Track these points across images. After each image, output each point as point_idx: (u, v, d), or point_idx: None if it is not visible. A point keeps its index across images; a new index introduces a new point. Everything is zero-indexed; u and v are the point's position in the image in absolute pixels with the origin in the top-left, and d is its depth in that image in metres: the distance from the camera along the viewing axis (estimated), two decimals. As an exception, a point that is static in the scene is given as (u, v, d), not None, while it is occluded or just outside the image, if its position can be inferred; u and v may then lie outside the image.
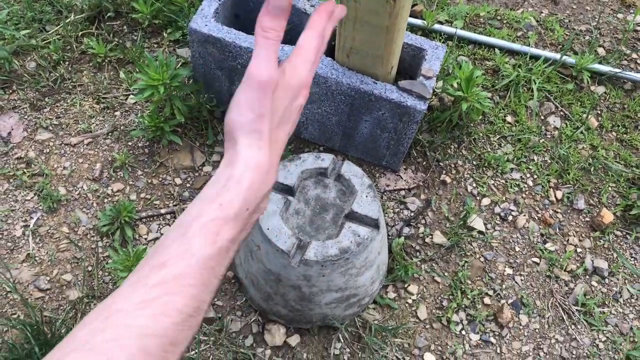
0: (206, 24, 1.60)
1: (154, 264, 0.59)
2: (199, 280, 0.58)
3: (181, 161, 1.77)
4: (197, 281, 0.58)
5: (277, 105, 0.67)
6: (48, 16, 2.00)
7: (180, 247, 0.59)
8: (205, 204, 0.62)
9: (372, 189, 1.43)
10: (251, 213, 0.63)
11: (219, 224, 0.60)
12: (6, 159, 1.73)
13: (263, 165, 0.64)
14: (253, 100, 0.64)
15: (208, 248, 0.59)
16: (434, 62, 1.62)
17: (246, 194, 0.62)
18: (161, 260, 0.59)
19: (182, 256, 0.58)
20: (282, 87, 0.67)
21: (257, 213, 0.66)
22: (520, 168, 1.85)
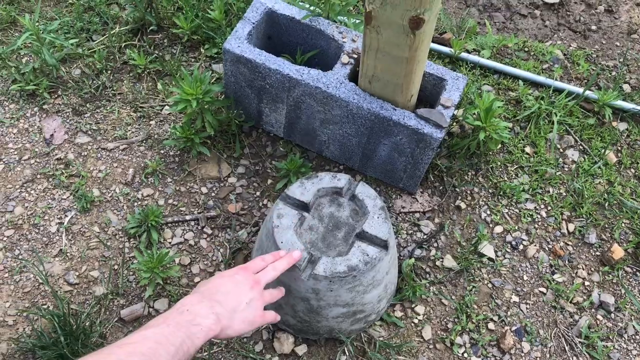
0: (239, 45, 1.70)
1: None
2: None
3: (208, 171, 1.87)
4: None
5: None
6: (95, 26, 2.14)
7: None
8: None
9: (384, 211, 1.50)
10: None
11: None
12: (47, 159, 1.86)
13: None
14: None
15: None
16: (453, 93, 1.68)
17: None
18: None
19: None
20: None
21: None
22: (535, 199, 1.89)
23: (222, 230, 1.77)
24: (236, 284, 1.21)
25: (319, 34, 1.78)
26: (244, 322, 1.18)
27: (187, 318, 1.05)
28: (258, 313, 1.22)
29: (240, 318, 1.17)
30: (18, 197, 1.78)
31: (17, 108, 1.95)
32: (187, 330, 1.02)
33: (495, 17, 2.43)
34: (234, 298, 1.18)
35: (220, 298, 1.15)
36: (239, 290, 1.20)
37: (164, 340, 0.98)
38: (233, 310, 1.16)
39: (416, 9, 1.31)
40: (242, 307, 1.18)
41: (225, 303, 1.14)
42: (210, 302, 1.12)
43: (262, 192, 1.84)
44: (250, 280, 1.24)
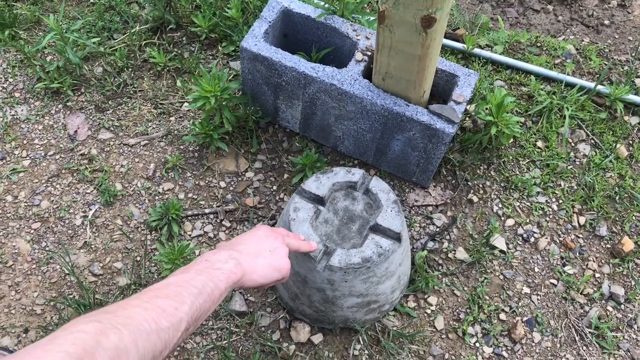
0: (256, 43, 1.75)
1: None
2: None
3: (226, 166, 1.93)
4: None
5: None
6: (116, 25, 2.20)
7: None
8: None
9: (397, 205, 1.55)
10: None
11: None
12: (72, 155, 1.92)
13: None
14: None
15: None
16: (465, 89, 1.72)
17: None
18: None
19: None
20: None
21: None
22: (546, 192, 1.92)
23: (240, 223, 1.83)
24: (258, 237, 1.22)
25: (334, 32, 1.82)
26: (269, 267, 1.17)
27: (206, 265, 1.05)
28: (284, 261, 1.21)
29: (264, 263, 1.16)
30: (44, 192, 1.85)
31: (42, 105, 2.02)
32: (208, 274, 1.02)
33: (508, 13, 2.45)
34: (255, 246, 1.18)
35: (241, 247, 1.16)
36: (260, 240, 1.21)
37: (185, 283, 0.98)
38: (254, 255, 1.16)
39: (428, 8, 1.35)
40: (265, 254, 1.18)
41: (245, 250, 1.15)
42: (229, 251, 1.13)
43: (279, 186, 1.90)
44: (273, 233, 1.25)
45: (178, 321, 0.90)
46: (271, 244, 1.22)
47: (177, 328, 0.89)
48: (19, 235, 1.77)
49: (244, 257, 1.12)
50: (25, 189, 1.85)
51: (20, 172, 1.88)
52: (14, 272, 1.72)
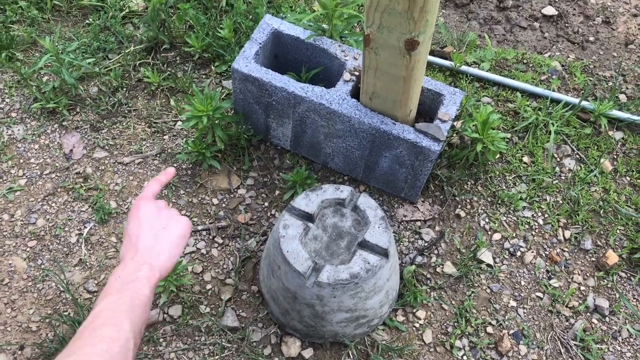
0: (247, 64, 1.80)
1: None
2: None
3: (219, 183, 1.97)
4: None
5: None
6: (111, 46, 2.25)
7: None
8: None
9: (385, 221, 1.59)
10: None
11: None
12: (67, 174, 1.96)
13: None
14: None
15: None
16: (450, 107, 1.76)
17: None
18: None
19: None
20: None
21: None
22: (532, 207, 1.96)
23: (232, 239, 1.86)
24: (146, 222, 1.17)
25: (323, 53, 1.87)
26: (175, 246, 1.16)
27: (122, 282, 1.06)
28: (179, 226, 1.19)
29: (168, 249, 1.15)
30: (40, 210, 1.89)
31: (38, 125, 2.06)
32: (129, 289, 1.04)
33: (496, 30, 2.50)
34: (149, 235, 1.15)
35: (140, 246, 1.14)
36: (150, 224, 1.17)
37: (113, 305, 1.00)
38: (157, 249, 1.14)
39: (411, 32, 1.40)
40: (163, 238, 1.16)
41: (147, 250, 1.13)
42: (134, 259, 1.11)
43: (270, 203, 1.94)
44: (150, 205, 1.21)
45: (125, 341, 0.94)
46: (158, 218, 1.19)
47: (127, 347, 0.94)
48: (15, 253, 1.81)
49: (150, 258, 1.12)
50: (22, 207, 1.89)
51: (16, 190, 1.92)
52: (9, 289, 1.75)
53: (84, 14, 2.36)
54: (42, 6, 2.33)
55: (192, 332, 1.71)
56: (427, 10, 1.33)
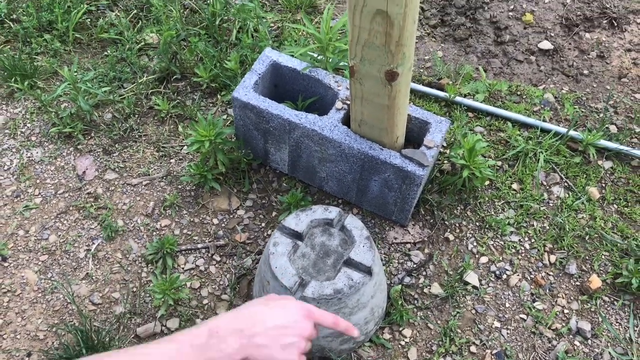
0: (246, 93, 1.93)
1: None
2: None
3: (219, 204, 2.08)
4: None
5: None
6: (126, 76, 2.41)
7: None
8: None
9: (370, 240, 1.68)
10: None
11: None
12: (79, 193, 2.10)
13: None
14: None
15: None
16: (436, 135, 1.86)
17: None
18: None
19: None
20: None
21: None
22: (519, 232, 2.03)
23: (229, 257, 1.97)
24: (281, 323, 1.04)
25: (318, 83, 1.99)
26: (285, 355, 1.02)
27: (199, 350, 0.97)
28: (300, 345, 1.05)
29: (278, 348, 1.02)
30: (53, 227, 2.02)
31: (55, 148, 2.21)
32: (204, 353, 0.96)
33: (493, 63, 2.60)
34: (272, 335, 1.02)
35: (256, 331, 1.01)
36: (281, 330, 1.03)
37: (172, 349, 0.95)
38: (270, 336, 1.02)
39: (390, 64, 1.51)
40: (281, 335, 1.03)
41: (258, 340, 1.01)
42: (240, 339, 1.00)
43: (267, 224, 2.04)
44: (301, 311, 1.08)
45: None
46: (290, 337, 1.04)
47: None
48: (28, 267, 1.94)
49: (254, 340, 1.00)
50: (36, 224, 2.03)
51: (32, 208, 2.06)
52: (21, 300, 1.87)
53: (103, 46, 2.54)
54: (65, 39, 2.51)
55: (187, 344, 1.80)
56: (402, 44, 1.45)
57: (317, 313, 1.11)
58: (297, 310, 1.07)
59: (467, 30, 2.71)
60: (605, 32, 2.67)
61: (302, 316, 1.07)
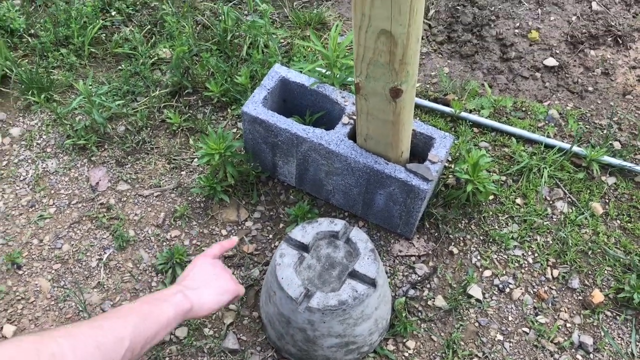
0: (255, 108, 1.98)
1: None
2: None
3: (228, 216, 2.13)
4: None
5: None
6: (140, 89, 2.48)
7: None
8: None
9: (374, 253, 1.72)
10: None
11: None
12: (92, 204, 2.16)
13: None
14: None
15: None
16: (440, 150, 1.90)
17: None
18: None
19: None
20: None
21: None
22: (522, 246, 2.06)
23: (237, 268, 2.01)
24: (199, 268, 1.41)
25: (325, 98, 2.04)
26: (216, 294, 1.37)
27: (155, 297, 1.23)
28: (229, 283, 1.42)
29: (210, 293, 1.35)
30: (66, 236, 2.08)
31: (69, 159, 2.27)
32: (155, 304, 1.19)
33: (499, 79, 2.64)
34: (199, 277, 1.37)
35: (187, 282, 1.34)
36: (202, 270, 1.40)
37: (130, 311, 1.14)
38: (200, 287, 1.34)
39: (394, 81, 1.56)
40: (211, 283, 1.37)
41: (191, 285, 1.33)
42: (177, 286, 1.31)
43: (275, 235, 2.09)
44: (209, 260, 1.45)
45: (119, 339, 1.06)
46: (211, 270, 1.41)
47: (120, 345, 1.05)
48: (42, 275, 1.99)
49: (190, 291, 1.30)
50: (50, 233, 2.08)
51: (46, 218, 2.12)
52: (34, 307, 1.93)
53: (117, 61, 2.61)
54: (80, 53, 2.59)
55: (195, 353, 1.84)
56: (406, 62, 1.49)
57: (210, 254, 1.49)
58: (208, 266, 1.44)
59: (473, 47, 2.75)
60: (610, 49, 2.71)
61: (212, 266, 1.44)
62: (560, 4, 2.90)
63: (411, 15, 1.38)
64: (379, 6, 1.38)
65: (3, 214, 2.12)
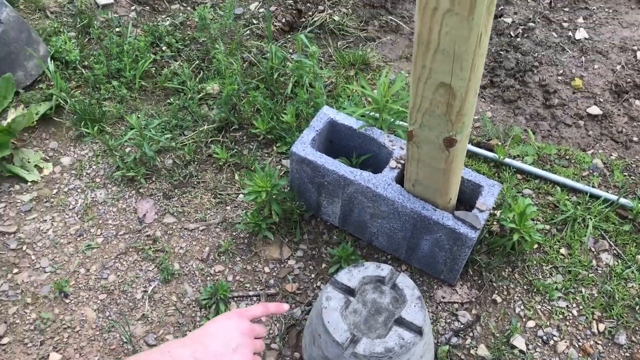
0: (304, 148, 2.02)
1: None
2: None
3: (271, 253, 2.15)
4: None
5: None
6: (187, 123, 2.54)
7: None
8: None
9: (421, 301, 1.71)
10: None
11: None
12: (139, 235, 2.20)
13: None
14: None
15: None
16: (488, 198, 1.91)
17: None
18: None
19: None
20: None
21: None
22: (567, 297, 2.04)
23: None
24: (225, 329, 1.21)
25: (372, 141, 2.07)
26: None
27: (167, 358, 1.06)
28: (247, 358, 1.20)
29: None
30: (112, 267, 2.12)
31: (118, 190, 2.33)
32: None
33: (541, 126, 2.65)
34: (221, 342, 1.17)
35: (206, 341, 1.15)
36: (227, 334, 1.19)
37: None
38: (216, 355, 1.15)
39: (449, 131, 1.58)
40: (228, 353, 1.17)
41: (209, 347, 1.15)
42: (193, 346, 1.13)
43: (317, 275, 2.10)
44: (242, 324, 1.24)
45: None
46: (235, 339, 1.20)
47: None
48: (88, 304, 2.02)
49: (205, 357, 1.13)
50: (97, 263, 2.12)
51: (93, 248, 2.16)
52: (80, 337, 1.95)
53: (166, 94, 2.68)
54: (131, 86, 2.66)
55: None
56: (463, 114, 1.51)
57: (249, 315, 1.31)
58: (236, 332, 1.22)
59: (516, 92, 2.77)
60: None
61: (240, 334, 1.22)
62: (604, 53, 2.91)
63: (472, 70, 1.41)
64: (440, 61, 1.40)
65: (52, 241, 2.17)
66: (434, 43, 1.37)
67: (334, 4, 3.11)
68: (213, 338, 1.17)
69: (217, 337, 1.17)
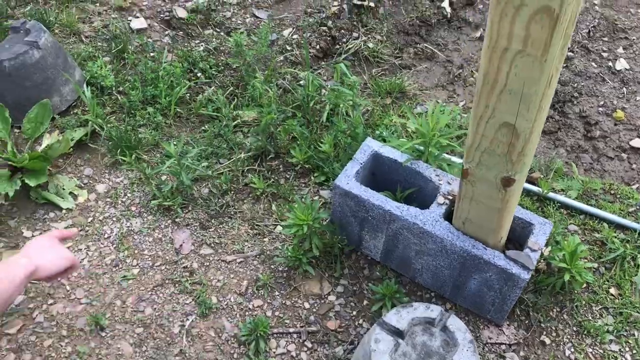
0: (348, 182, 1.97)
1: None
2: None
3: (311, 288, 2.10)
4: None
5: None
6: (223, 151, 2.50)
7: None
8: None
9: (473, 344, 1.65)
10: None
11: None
12: (175, 267, 2.15)
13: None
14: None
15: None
16: (540, 237, 1.85)
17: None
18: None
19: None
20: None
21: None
22: (619, 341, 1.96)
23: (320, 345, 1.96)
24: (38, 242, 1.52)
25: (418, 175, 2.02)
26: (56, 258, 1.49)
27: (5, 263, 1.39)
28: (65, 251, 1.53)
29: (50, 256, 1.48)
30: (149, 299, 2.07)
31: (154, 220, 2.29)
32: (7, 270, 1.35)
33: (583, 158, 2.59)
34: (39, 246, 1.50)
35: (30, 250, 1.48)
36: (40, 243, 1.52)
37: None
38: (41, 252, 1.48)
39: (508, 171, 1.53)
40: (49, 250, 1.50)
41: (33, 252, 1.47)
42: (21, 254, 1.45)
43: (358, 312, 2.04)
44: (47, 236, 1.56)
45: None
46: (51, 242, 1.53)
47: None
48: (124, 338, 1.97)
49: (33, 255, 1.45)
50: (133, 295, 2.08)
51: (129, 279, 2.12)
52: (116, 372, 1.91)
53: (201, 121, 2.65)
54: (166, 113, 2.64)
55: None
56: (525, 154, 1.46)
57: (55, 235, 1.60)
58: (44, 237, 1.55)
59: (556, 123, 2.71)
60: (701, 133, 2.64)
61: (48, 237, 1.56)
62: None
63: (539, 111, 1.36)
64: (506, 101, 1.36)
65: (87, 272, 2.13)
66: (501, 83, 1.33)
67: (368, 31, 3.08)
68: (33, 248, 1.49)
69: (34, 246, 1.50)
